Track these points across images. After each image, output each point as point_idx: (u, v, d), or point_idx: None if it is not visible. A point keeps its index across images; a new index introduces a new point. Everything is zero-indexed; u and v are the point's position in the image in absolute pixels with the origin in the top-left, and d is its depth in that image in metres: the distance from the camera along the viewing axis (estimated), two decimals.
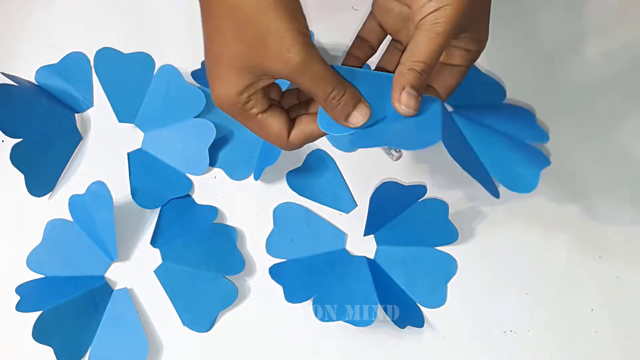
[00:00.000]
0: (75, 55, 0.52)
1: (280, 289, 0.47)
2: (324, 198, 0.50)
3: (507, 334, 0.47)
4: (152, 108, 0.51)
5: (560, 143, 0.50)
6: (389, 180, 0.49)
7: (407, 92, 0.33)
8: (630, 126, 0.51)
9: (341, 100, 0.34)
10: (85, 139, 0.51)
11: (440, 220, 0.48)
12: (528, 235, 0.49)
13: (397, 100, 0.33)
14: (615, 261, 0.49)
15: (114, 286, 0.48)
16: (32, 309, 0.45)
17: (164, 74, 0.50)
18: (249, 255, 0.49)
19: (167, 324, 0.48)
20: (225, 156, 0.51)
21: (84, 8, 0.54)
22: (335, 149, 0.51)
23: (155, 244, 0.48)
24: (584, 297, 0.48)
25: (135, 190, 0.49)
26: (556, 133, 0.49)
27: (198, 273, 0.47)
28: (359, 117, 0.35)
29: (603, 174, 0.50)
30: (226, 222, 0.50)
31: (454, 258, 0.48)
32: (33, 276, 0.47)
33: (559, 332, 0.47)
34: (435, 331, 0.48)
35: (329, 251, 0.49)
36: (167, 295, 0.48)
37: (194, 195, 0.50)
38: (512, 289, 0.48)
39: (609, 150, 0.50)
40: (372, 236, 0.49)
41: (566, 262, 0.49)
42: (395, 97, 0.33)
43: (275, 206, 0.49)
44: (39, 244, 0.48)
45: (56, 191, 0.50)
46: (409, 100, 0.33)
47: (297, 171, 0.50)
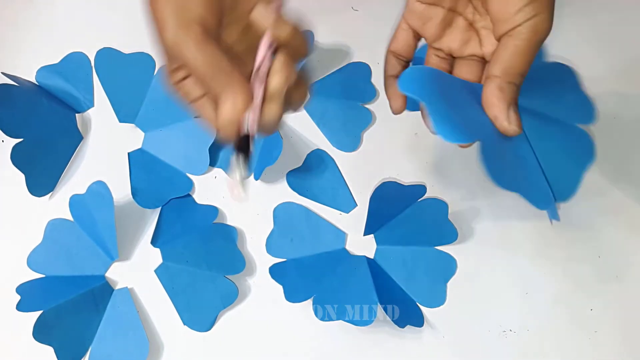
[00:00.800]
0: (75, 55, 0.52)
1: (280, 288, 0.47)
2: (324, 198, 0.50)
3: (506, 333, 0.47)
4: (152, 108, 0.51)
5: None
6: (389, 180, 0.49)
7: (514, 111, 0.30)
8: (631, 126, 0.51)
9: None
10: (86, 138, 0.52)
11: (440, 220, 0.48)
12: (528, 235, 0.49)
13: (506, 120, 0.30)
14: (615, 261, 0.49)
15: (114, 286, 0.49)
16: (33, 308, 0.45)
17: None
18: (249, 255, 0.49)
19: (168, 324, 0.48)
20: (226, 156, 0.51)
21: (84, 8, 0.54)
22: (335, 149, 0.51)
23: (155, 244, 0.48)
24: (583, 297, 0.48)
25: (136, 190, 0.49)
26: None
27: (198, 272, 0.48)
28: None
29: (603, 174, 0.50)
30: (226, 221, 0.50)
31: (453, 258, 0.48)
32: (33, 276, 0.48)
33: (558, 332, 0.47)
34: (435, 331, 0.48)
35: (329, 251, 0.49)
36: (167, 295, 0.48)
37: (194, 195, 0.50)
38: (512, 288, 0.48)
39: (608, 149, 0.50)
40: (372, 236, 0.49)
41: (566, 262, 0.49)
42: (503, 117, 0.30)
43: (275, 206, 0.49)
44: (40, 243, 0.48)
45: (57, 191, 0.50)
46: (517, 120, 0.30)
47: (297, 171, 0.50)
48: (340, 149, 0.51)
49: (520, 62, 0.30)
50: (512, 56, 0.30)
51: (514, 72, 0.30)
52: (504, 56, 0.30)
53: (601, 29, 0.53)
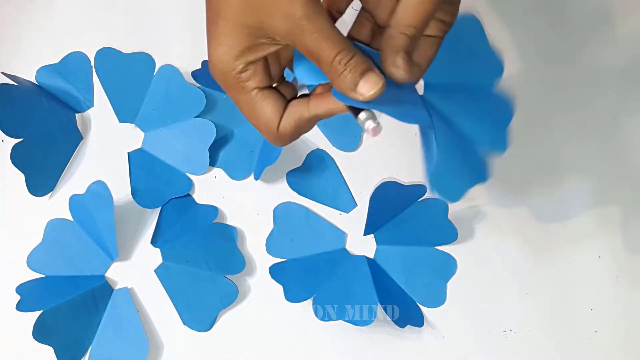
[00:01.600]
0: (75, 55, 0.52)
1: (280, 288, 0.47)
2: (324, 198, 0.50)
3: (506, 333, 0.47)
4: (152, 108, 0.51)
5: (559, 142, 0.50)
6: (389, 179, 0.49)
7: (402, 57, 0.31)
8: (631, 126, 0.51)
9: (348, 64, 0.29)
10: (86, 138, 0.51)
11: (440, 220, 0.48)
12: (528, 234, 0.49)
13: (393, 64, 0.31)
14: (615, 261, 0.49)
15: (114, 286, 0.49)
16: (33, 308, 0.45)
17: (165, 73, 0.50)
18: (249, 255, 0.49)
19: (168, 324, 0.48)
20: (226, 156, 0.51)
21: (84, 8, 0.54)
22: (335, 149, 0.51)
23: (155, 244, 0.48)
24: (583, 296, 0.48)
25: (136, 190, 0.49)
26: (556, 130, 0.49)
27: (198, 272, 0.48)
28: (368, 87, 0.30)
29: (602, 174, 0.50)
30: (226, 221, 0.50)
31: (453, 258, 0.48)
32: (33, 276, 0.47)
33: (558, 332, 0.47)
34: (435, 331, 0.48)
35: (329, 251, 0.49)
36: (167, 295, 0.48)
37: (194, 195, 0.50)
38: (512, 288, 0.48)
39: (608, 150, 0.50)
40: (372, 236, 0.49)
41: (566, 262, 0.49)
42: (391, 62, 0.31)
43: (275, 206, 0.49)
44: (40, 243, 0.48)
45: (56, 191, 0.50)
46: (405, 65, 0.31)
47: (297, 171, 0.50)
48: (341, 148, 0.51)
49: (410, 15, 0.31)
50: (405, 9, 0.31)
51: (404, 23, 0.31)
52: (400, 9, 0.31)
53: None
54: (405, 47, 0.31)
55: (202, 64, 0.51)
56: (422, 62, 0.35)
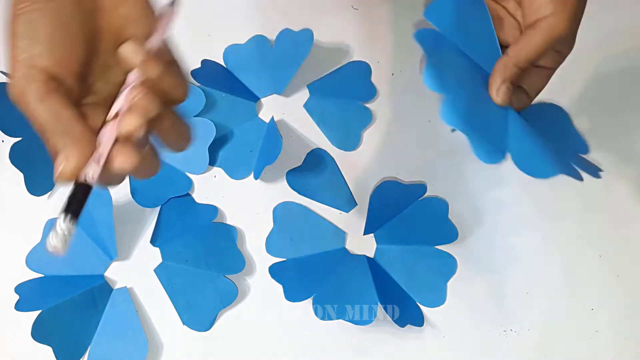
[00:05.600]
0: None
1: (280, 288, 0.46)
2: (323, 197, 0.50)
3: (507, 333, 0.47)
4: None
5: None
6: (389, 179, 0.49)
7: (506, 87, 0.34)
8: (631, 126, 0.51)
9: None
10: None
11: (440, 219, 0.48)
12: (528, 234, 0.49)
13: (496, 92, 0.34)
14: (615, 261, 0.49)
15: (113, 285, 0.48)
16: (32, 308, 0.45)
17: None
18: (249, 255, 0.49)
19: (167, 323, 0.48)
20: (225, 155, 0.51)
21: None
22: (335, 148, 0.51)
23: (155, 243, 0.48)
24: (584, 296, 0.48)
25: (135, 189, 0.49)
26: None
27: (198, 272, 0.47)
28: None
29: (603, 174, 0.50)
30: (226, 221, 0.50)
31: (453, 257, 0.48)
32: (32, 275, 0.47)
33: (559, 332, 0.47)
34: (435, 330, 0.47)
35: (329, 250, 0.49)
36: (167, 294, 0.48)
37: (193, 195, 0.50)
38: (512, 288, 0.48)
39: (609, 149, 0.50)
40: (372, 235, 0.49)
41: (566, 262, 0.49)
42: (495, 89, 0.34)
43: (275, 205, 0.49)
44: (39, 243, 0.48)
45: (56, 190, 0.50)
46: (506, 95, 0.34)
47: (297, 170, 0.50)
48: (340, 148, 0.51)
49: (528, 49, 0.34)
50: (524, 42, 0.34)
51: (522, 56, 0.34)
52: (521, 41, 0.34)
53: None
54: (513, 78, 0.34)
55: (202, 63, 0.51)
56: (531, 92, 0.37)
